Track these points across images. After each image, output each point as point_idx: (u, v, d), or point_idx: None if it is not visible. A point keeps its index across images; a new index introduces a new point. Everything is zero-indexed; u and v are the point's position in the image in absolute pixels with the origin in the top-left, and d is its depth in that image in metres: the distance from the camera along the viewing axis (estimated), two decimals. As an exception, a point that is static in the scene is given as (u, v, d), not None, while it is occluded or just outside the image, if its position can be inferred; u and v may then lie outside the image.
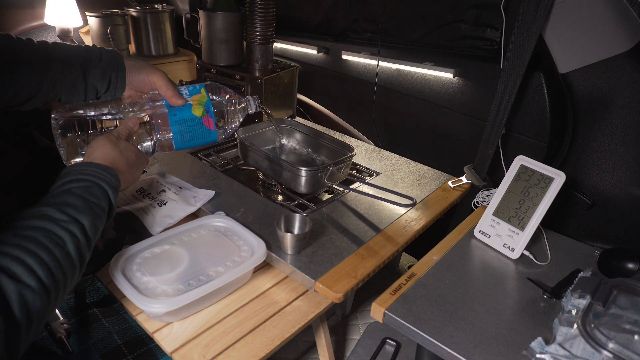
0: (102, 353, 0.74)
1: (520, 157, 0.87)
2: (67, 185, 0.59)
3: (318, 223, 0.93)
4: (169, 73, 0.79)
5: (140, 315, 0.75)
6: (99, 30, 1.47)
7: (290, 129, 1.25)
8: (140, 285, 0.71)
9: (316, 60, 1.61)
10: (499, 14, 1.05)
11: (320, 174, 0.98)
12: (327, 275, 0.79)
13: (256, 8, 1.25)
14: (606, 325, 0.61)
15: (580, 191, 1.06)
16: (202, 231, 0.85)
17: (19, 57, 0.69)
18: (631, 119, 0.95)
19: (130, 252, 0.76)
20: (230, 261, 0.77)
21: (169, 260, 0.76)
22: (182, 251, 0.79)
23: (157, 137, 0.76)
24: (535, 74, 1.02)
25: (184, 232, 0.84)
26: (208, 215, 0.90)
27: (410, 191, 1.08)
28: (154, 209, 0.91)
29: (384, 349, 0.92)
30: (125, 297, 0.69)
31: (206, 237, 0.84)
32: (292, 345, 1.18)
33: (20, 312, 0.45)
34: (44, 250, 0.50)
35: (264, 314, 0.76)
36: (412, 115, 1.39)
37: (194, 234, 0.84)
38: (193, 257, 0.77)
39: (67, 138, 0.70)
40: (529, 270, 0.82)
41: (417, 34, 1.34)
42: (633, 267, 0.76)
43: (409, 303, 0.71)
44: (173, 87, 0.76)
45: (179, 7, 1.85)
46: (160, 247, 0.79)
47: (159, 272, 0.73)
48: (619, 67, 0.94)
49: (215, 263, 0.76)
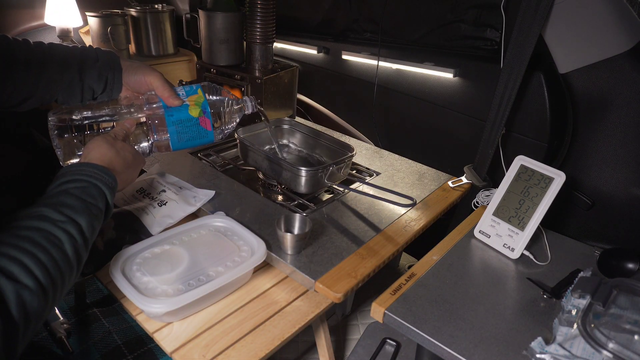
0: (102, 353, 0.74)
1: (520, 157, 0.87)
2: (64, 185, 0.59)
3: (318, 223, 0.93)
4: (168, 73, 0.79)
5: (140, 315, 0.75)
6: (99, 30, 1.47)
7: (290, 129, 1.25)
8: (140, 285, 0.71)
9: (316, 60, 1.61)
10: (499, 14, 1.05)
11: (320, 174, 0.98)
12: (327, 275, 0.79)
13: (256, 8, 1.25)
14: (606, 325, 0.61)
15: (580, 191, 1.06)
16: (202, 231, 0.85)
17: (15, 57, 0.69)
18: (631, 119, 0.95)
19: (130, 252, 0.76)
20: (230, 261, 0.77)
21: (169, 260, 0.76)
22: (182, 251, 0.79)
23: (154, 138, 0.76)
24: (535, 74, 1.02)
25: (184, 232, 0.84)
26: (208, 215, 0.90)
27: (410, 191, 1.08)
28: (154, 209, 0.91)
29: (384, 349, 0.92)
30: (125, 297, 0.69)
31: (206, 237, 0.84)
32: (292, 345, 1.18)
33: (18, 312, 0.45)
34: (42, 251, 0.50)
35: (264, 314, 0.77)
36: (412, 115, 1.39)
37: (194, 234, 0.84)
38: (193, 257, 0.77)
39: (64, 139, 0.70)
40: (529, 270, 0.82)
41: (417, 34, 1.34)
42: (633, 267, 0.76)
43: (409, 303, 0.71)
44: (170, 88, 0.76)
45: (179, 7, 1.85)
46: (160, 247, 0.79)
47: (159, 272, 0.73)
48: (619, 67, 0.94)
49: (215, 263, 0.76)
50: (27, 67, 0.70)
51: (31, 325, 0.48)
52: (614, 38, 0.93)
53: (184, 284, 0.72)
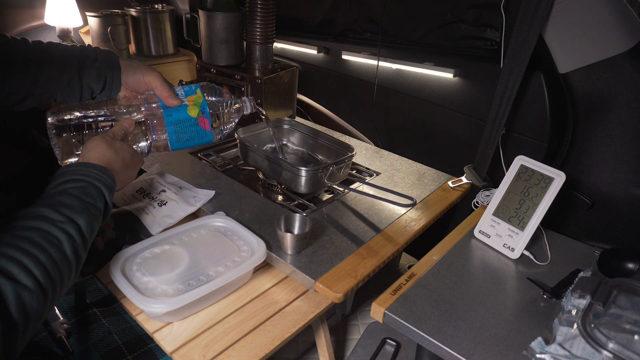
0: (102, 353, 0.74)
1: (520, 157, 0.87)
2: (63, 185, 0.59)
3: (318, 223, 0.93)
4: (168, 73, 0.79)
5: (140, 315, 0.75)
6: (99, 30, 1.47)
7: (290, 129, 1.25)
8: (140, 285, 0.71)
9: (316, 60, 1.61)
10: (499, 14, 1.05)
11: (320, 174, 0.98)
12: (327, 275, 0.79)
13: (256, 8, 1.25)
14: (606, 325, 0.61)
15: (580, 191, 1.06)
16: (202, 231, 0.85)
17: (13, 56, 0.69)
18: (631, 119, 0.95)
19: (130, 252, 0.76)
20: (230, 261, 0.77)
21: (168, 261, 0.76)
22: (182, 251, 0.79)
23: (152, 138, 0.76)
24: (535, 74, 1.02)
25: (184, 232, 0.84)
26: (208, 215, 0.90)
27: (410, 191, 1.08)
28: (154, 209, 0.91)
29: (384, 349, 0.92)
30: (125, 297, 0.69)
31: (206, 237, 0.84)
32: (292, 345, 1.18)
33: (18, 312, 0.46)
34: (41, 251, 0.50)
35: (264, 314, 0.76)
36: (412, 115, 1.39)
37: (193, 234, 0.84)
38: (193, 257, 0.77)
39: (62, 138, 0.70)
40: (529, 270, 0.82)
41: (417, 34, 1.34)
42: (633, 267, 0.76)
43: (409, 303, 0.71)
44: (169, 88, 0.76)
45: (179, 7, 1.85)
46: (160, 247, 0.79)
47: (159, 272, 0.73)
48: (619, 67, 0.94)
49: (215, 263, 0.76)
50: (26, 66, 0.70)
51: (30, 325, 0.48)
52: (614, 38, 0.93)
53: (184, 284, 0.72)
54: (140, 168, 0.75)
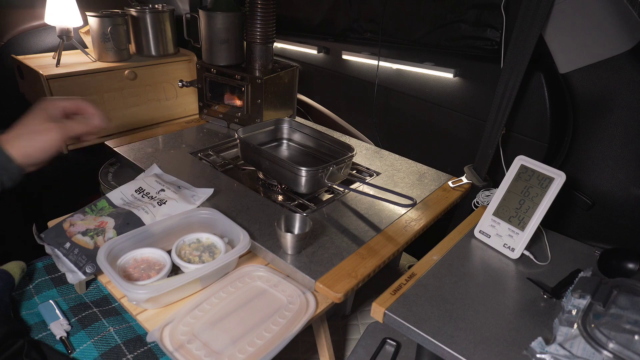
0: (102, 353, 0.74)
1: (521, 157, 0.87)
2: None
3: (318, 223, 0.93)
4: (169, 73, 0.78)
5: (140, 315, 0.75)
6: (99, 30, 1.47)
7: (290, 129, 1.25)
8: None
9: (316, 60, 1.61)
10: (499, 14, 1.05)
11: (320, 174, 0.98)
12: (327, 275, 0.79)
13: (256, 8, 1.25)
14: (606, 325, 0.61)
15: (580, 191, 1.06)
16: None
17: None
18: (631, 118, 0.95)
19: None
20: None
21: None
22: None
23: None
24: (535, 74, 1.02)
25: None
26: (194, 207, 0.93)
27: (410, 191, 1.08)
28: (154, 208, 0.91)
29: (384, 349, 0.92)
30: (125, 297, 0.69)
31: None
32: (292, 345, 1.18)
33: None
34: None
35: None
36: (412, 115, 1.39)
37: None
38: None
39: None
40: (529, 270, 0.82)
41: (417, 34, 1.34)
42: (633, 267, 0.76)
43: (409, 303, 0.71)
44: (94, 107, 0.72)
45: (179, 7, 1.85)
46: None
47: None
48: (619, 67, 0.94)
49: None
50: None
51: None
52: (614, 38, 0.93)
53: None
54: (138, 167, 0.75)
